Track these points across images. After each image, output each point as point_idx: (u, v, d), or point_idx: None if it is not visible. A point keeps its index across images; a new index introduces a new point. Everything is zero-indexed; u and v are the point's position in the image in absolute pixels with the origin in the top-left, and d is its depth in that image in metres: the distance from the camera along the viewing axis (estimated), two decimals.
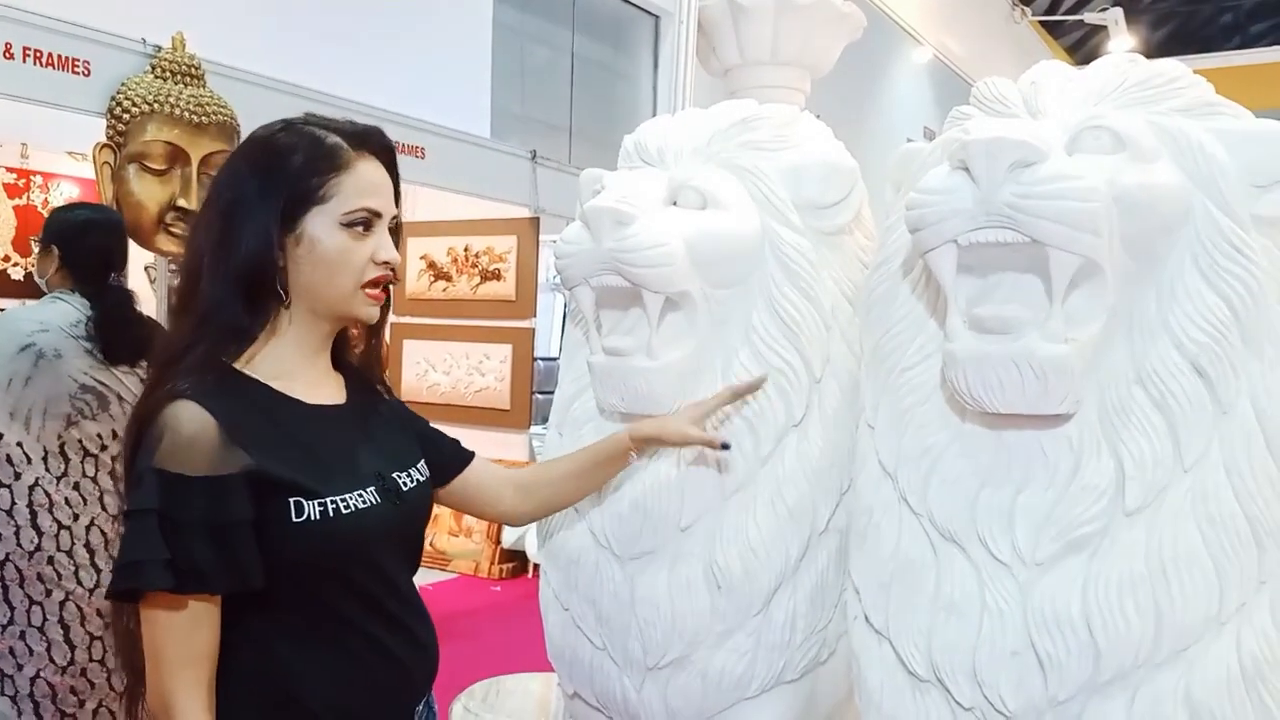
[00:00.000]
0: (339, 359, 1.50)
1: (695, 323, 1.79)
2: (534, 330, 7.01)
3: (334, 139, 1.37)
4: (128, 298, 2.70)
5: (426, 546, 1.55)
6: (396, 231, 1.45)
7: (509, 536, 6.37)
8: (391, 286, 1.46)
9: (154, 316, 4.46)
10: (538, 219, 6.80)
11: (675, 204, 1.82)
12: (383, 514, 1.36)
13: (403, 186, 1.46)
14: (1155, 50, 10.76)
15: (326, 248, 1.34)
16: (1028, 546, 1.45)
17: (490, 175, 6.56)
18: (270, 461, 1.26)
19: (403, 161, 1.49)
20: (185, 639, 1.22)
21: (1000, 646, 1.46)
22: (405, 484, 1.43)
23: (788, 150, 1.88)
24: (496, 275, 7.01)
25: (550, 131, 7.90)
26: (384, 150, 1.43)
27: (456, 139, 6.19)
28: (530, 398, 6.92)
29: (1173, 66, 1.54)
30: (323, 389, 1.42)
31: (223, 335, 1.33)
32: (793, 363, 1.78)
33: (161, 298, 4.58)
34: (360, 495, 1.33)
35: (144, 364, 2.68)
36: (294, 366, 1.38)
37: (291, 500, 1.26)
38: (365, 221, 1.36)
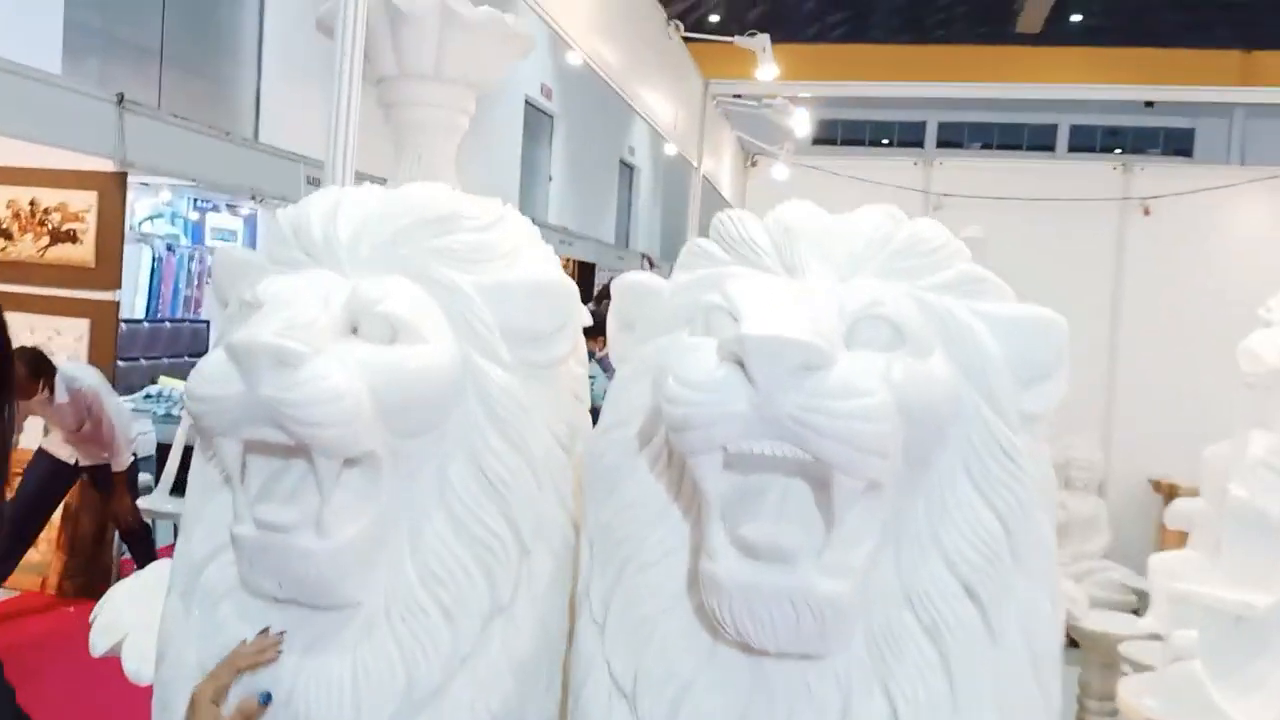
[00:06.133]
0: None
1: (378, 484, 1.42)
2: (117, 304, 6.07)
3: None
4: None
5: None
6: None
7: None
8: None
9: None
10: (124, 174, 5.85)
11: (356, 331, 1.43)
12: None
13: None
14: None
15: None
16: None
17: (62, 118, 5.52)
18: None
19: None
20: None
21: None
22: None
23: (491, 262, 1.54)
24: (71, 237, 5.96)
25: (139, 56, 6.83)
26: None
27: (18, 73, 5.13)
28: (112, 380, 5.99)
29: (935, 233, 1.39)
30: None
31: None
32: (501, 534, 1.46)
33: None
34: None
35: None
36: None
37: None
38: None
